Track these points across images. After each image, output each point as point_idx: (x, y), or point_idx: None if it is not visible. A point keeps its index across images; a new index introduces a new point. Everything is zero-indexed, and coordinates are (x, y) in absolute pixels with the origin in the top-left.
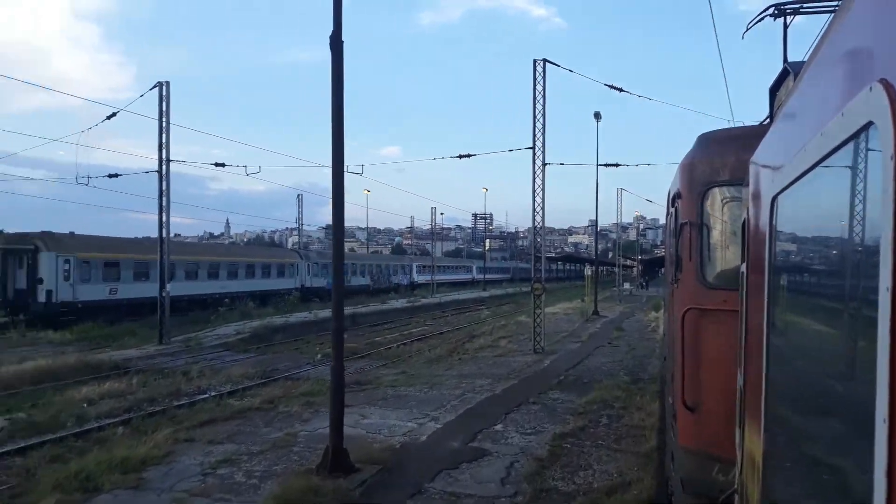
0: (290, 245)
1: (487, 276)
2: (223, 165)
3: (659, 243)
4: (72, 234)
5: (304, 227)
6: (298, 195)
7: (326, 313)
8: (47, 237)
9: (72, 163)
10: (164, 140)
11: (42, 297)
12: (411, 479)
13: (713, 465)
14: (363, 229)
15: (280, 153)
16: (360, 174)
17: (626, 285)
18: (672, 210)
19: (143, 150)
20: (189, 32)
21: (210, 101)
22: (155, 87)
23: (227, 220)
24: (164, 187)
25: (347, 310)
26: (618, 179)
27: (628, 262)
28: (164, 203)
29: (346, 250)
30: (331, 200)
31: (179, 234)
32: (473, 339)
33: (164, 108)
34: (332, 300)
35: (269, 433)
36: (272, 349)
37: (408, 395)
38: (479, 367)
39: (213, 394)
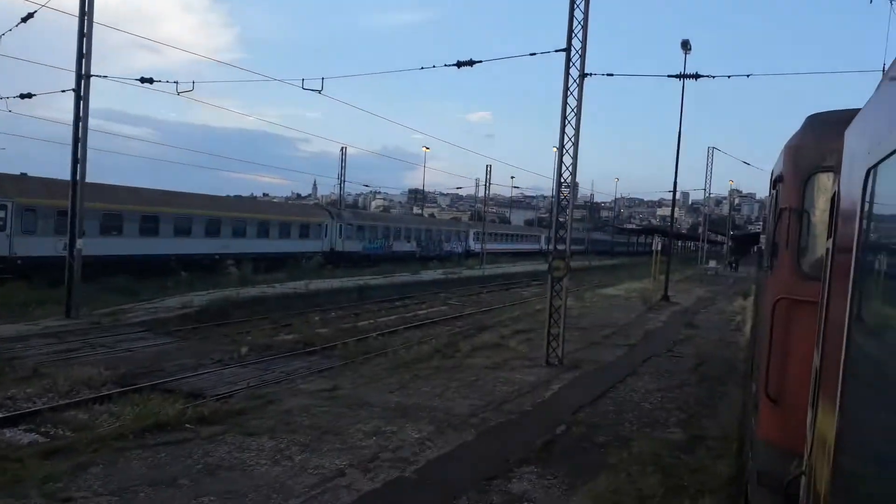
0: (372, 207)
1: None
2: (151, 81)
3: (754, 219)
4: (23, 174)
5: (388, 190)
6: (342, 148)
7: (330, 284)
8: None
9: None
10: (84, 48)
11: None
12: None
13: (791, 459)
14: (445, 195)
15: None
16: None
17: (712, 263)
18: (773, 193)
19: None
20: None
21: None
22: None
23: (315, 181)
24: (80, 112)
25: (356, 281)
26: (713, 139)
27: (719, 238)
28: (79, 132)
29: (426, 215)
30: None
31: (268, 194)
32: (482, 333)
33: (85, 6)
34: None
35: None
36: (205, 332)
37: (244, 463)
38: (447, 388)
39: None
